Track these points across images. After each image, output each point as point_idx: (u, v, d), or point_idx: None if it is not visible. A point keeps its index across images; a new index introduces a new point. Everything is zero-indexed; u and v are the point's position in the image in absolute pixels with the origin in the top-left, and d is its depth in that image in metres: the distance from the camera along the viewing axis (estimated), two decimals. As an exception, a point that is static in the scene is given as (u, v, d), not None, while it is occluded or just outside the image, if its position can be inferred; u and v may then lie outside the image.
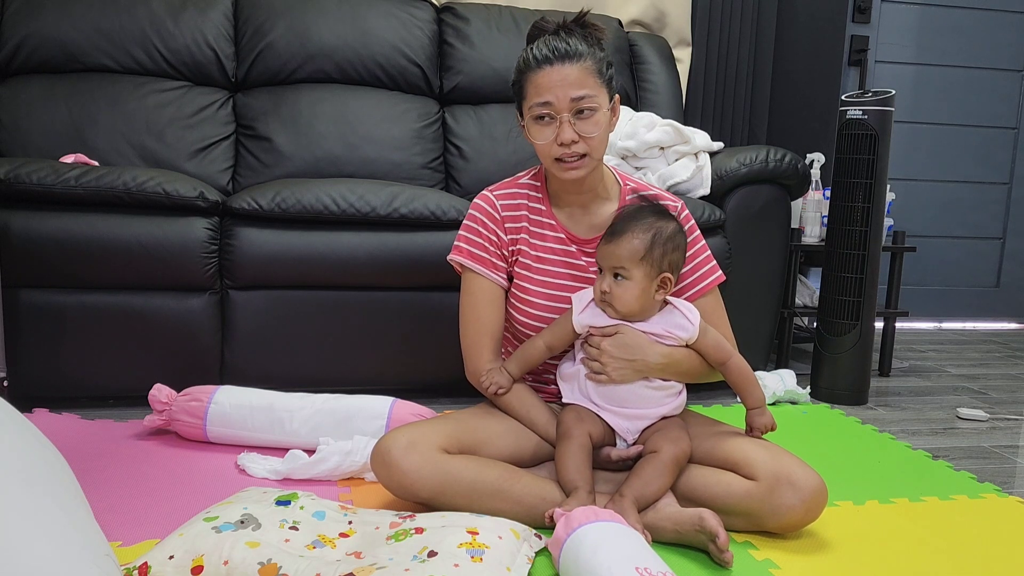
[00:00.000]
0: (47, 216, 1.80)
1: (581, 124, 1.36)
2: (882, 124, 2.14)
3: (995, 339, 3.33)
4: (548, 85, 1.35)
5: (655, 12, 2.95)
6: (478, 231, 1.49)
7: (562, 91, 1.35)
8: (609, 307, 1.38)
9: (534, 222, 1.50)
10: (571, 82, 1.35)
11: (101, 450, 1.63)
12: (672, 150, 2.31)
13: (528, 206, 1.50)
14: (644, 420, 1.39)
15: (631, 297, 1.36)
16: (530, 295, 1.48)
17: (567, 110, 1.36)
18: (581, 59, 1.36)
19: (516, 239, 1.49)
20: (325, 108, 2.46)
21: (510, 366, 1.46)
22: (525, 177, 1.54)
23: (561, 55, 1.36)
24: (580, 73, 1.35)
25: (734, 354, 1.42)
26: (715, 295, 1.54)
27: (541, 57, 1.36)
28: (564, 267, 1.49)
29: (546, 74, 1.35)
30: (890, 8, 3.36)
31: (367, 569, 1.05)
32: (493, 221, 1.49)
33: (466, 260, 1.49)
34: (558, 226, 1.49)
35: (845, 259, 2.21)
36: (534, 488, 1.33)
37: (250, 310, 1.93)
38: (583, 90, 1.35)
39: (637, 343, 1.36)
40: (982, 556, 1.33)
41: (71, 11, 2.35)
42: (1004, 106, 3.52)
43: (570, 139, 1.36)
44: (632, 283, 1.35)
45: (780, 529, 1.31)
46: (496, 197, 1.50)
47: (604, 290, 1.36)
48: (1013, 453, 1.88)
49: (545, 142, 1.38)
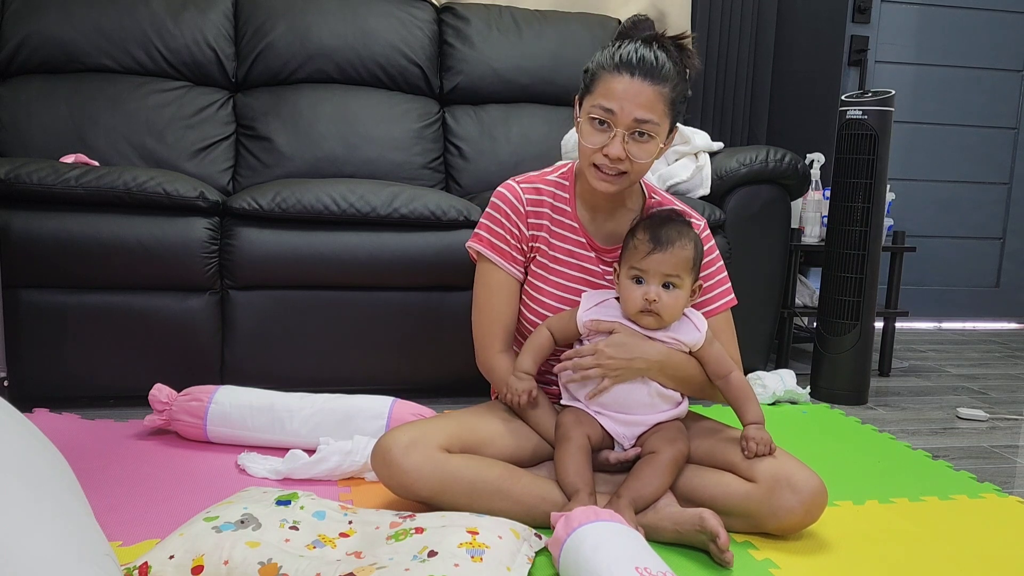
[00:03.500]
0: (47, 216, 1.80)
1: (633, 145, 1.33)
2: (882, 124, 2.14)
3: (995, 339, 3.33)
4: (619, 94, 1.30)
5: (655, 12, 2.95)
6: (500, 222, 1.46)
7: (630, 106, 1.30)
8: (653, 316, 1.35)
9: (556, 221, 1.47)
10: (642, 102, 1.30)
11: (101, 450, 1.63)
12: (672, 150, 2.31)
13: (552, 204, 1.47)
14: (640, 427, 1.39)
15: (679, 305, 1.35)
16: (542, 294, 1.47)
17: (626, 126, 1.31)
18: (663, 82, 1.31)
19: (537, 235, 1.47)
20: (325, 108, 2.46)
21: (524, 363, 1.42)
22: (554, 174, 1.50)
23: (645, 70, 1.30)
24: (654, 96, 1.31)
25: (736, 369, 1.40)
26: (727, 317, 1.52)
27: (625, 61, 1.31)
28: (579, 271, 1.47)
29: (622, 82, 1.30)
30: (890, 8, 3.36)
31: (367, 569, 1.05)
32: (517, 213, 1.45)
33: (485, 249, 1.46)
34: (580, 230, 1.47)
35: (845, 259, 2.21)
36: (534, 488, 1.33)
37: (250, 310, 1.93)
38: (651, 115, 1.31)
39: (634, 342, 1.36)
40: (982, 556, 1.33)
41: (71, 11, 2.35)
42: (1004, 106, 3.52)
43: (617, 155, 1.32)
44: (681, 292, 1.35)
45: (780, 530, 1.31)
46: (523, 190, 1.46)
47: (653, 299, 1.33)
48: (1013, 453, 1.88)
49: (593, 146, 1.34)
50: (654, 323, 1.36)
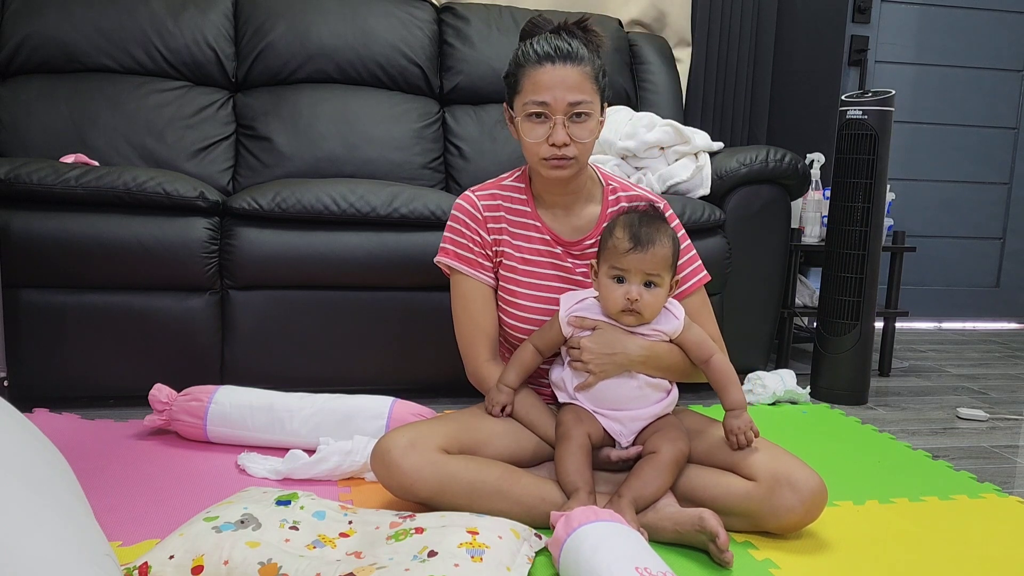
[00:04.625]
0: (47, 216, 1.80)
1: (574, 128, 1.36)
2: (882, 124, 2.14)
3: (995, 339, 3.33)
4: (547, 84, 1.35)
5: (655, 12, 2.95)
6: (461, 232, 1.49)
7: (561, 92, 1.35)
8: (634, 315, 1.36)
9: (517, 224, 1.50)
10: (570, 84, 1.35)
11: (101, 450, 1.63)
12: (672, 150, 2.31)
13: (509, 207, 1.50)
14: (637, 421, 1.39)
15: (660, 303, 1.37)
16: (519, 297, 1.48)
17: (562, 112, 1.35)
18: (582, 63, 1.36)
19: (499, 239, 1.49)
20: (325, 108, 2.46)
21: (508, 377, 1.45)
22: (509, 179, 1.53)
23: (563, 55, 1.35)
24: (579, 76, 1.36)
25: (717, 352, 1.41)
26: (701, 295, 1.54)
27: (543, 54, 1.36)
28: (551, 268, 1.49)
29: (546, 72, 1.35)
30: (890, 8, 3.36)
31: (367, 569, 1.05)
32: (475, 221, 1.49)
33: (452, 261, 1.49)
34: (543, 228, 1.49)
35: (845, 259, 2.21)
36: (534, 488, 1.33)
37: (250, 310, 1.93)
38: (581, 95, 1.35)
39: (616, 337, 1.37)
40: (982, 556, 1.33)
41: (71, 11, 2.35)
42: (1004, 106, 3.52)
43: (562, 141, 1.36)
44: (662, 289, 1.36)
45: (780, 530, 1.31)
46: (478, 198, 1.50)
47: (635, 299, 1.34)
48: (1013, 453, 1.88)
49: (536, 140, 1.38)
50: (635, 321, 1.37)
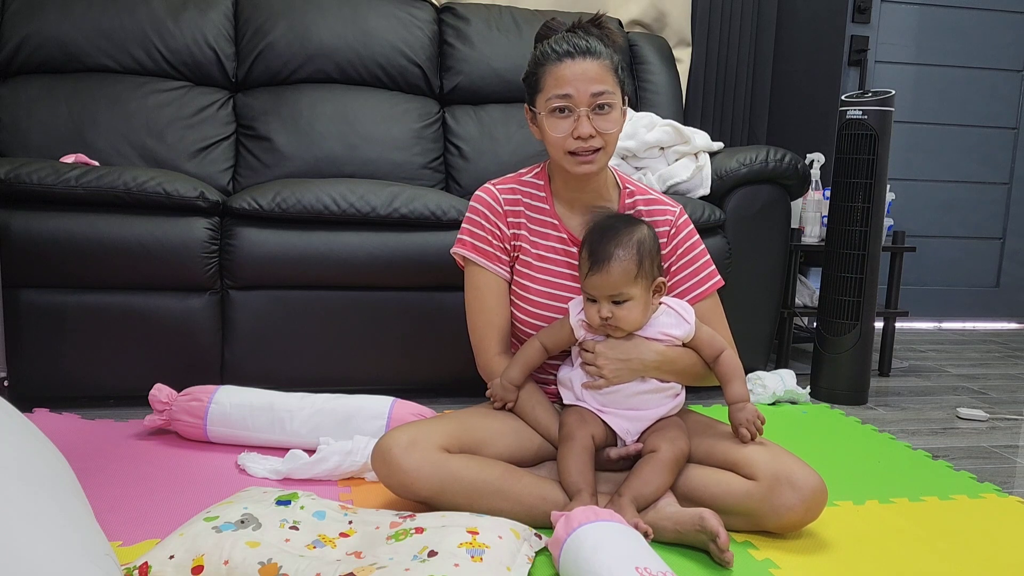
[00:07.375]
0: (47, 216, 1.80)
1: (599, 120, 1.37)
2: (882, 124, 2.14)
3: (995, 339, 3.33)
4: (569, 78, 1.36)
5: (655, 12, 2.95)
6: (481, 224, 1.49)
7: (583, 85, 1.35)
8: (615, 330, 1.36)
9: (535, 220, 1.50)
10: (592, 77, 1.36)
11: (101, 450, 1.63)
12: (672, 150, 2.31)
13: (528, 203, 1.50)
14: (644, 421, 1.40)
15: (636, 315, 1.35)
16: (531, 293, 1.48)
17: (586, 104, 1.36)
18: (600, 56, 1.38)
19: (517, 234, 1.50)
20: (325, 108, 2.46)
21: (512, 373, 1.45)
22: (528, 175, 1.53)
23: (582, 51, 1.37)
24: (600, 69, 1.37)
25: (726, 348, 1.41)
26: (714, 300, 1.54)
27: (562, 51, 1.37)
28: (564, 267, 1.49)
29: (567, 67, 1.36)
30: (890, 8, 3.36)
31: (367, 569, 1.05)
32: (496, 214, 1.49)
33: (469, 253, 1.49)
34: (561, 226, 1.49)
35: (845, 259, 2.20)
36: (534, 488, 1.33)
37: (250, 310, 1.93)
38: (603, 86, 1.36)
39: (631, 344, 1.37)
40: (982, 556, 1.33)
41: (71, 11, 2.35)
42: (1004, 106, 3.52)
43: (588, 133, 1.36)
44: (634, 302, 1.34)
45: (780, 529, 1.31)
46: (499, 191, 1.50)
47: (605, 316, 1.34)
48: (1013, 453, 1.88)
49: (561, 135, 1.38)
50: (619, 334, 1.37)
